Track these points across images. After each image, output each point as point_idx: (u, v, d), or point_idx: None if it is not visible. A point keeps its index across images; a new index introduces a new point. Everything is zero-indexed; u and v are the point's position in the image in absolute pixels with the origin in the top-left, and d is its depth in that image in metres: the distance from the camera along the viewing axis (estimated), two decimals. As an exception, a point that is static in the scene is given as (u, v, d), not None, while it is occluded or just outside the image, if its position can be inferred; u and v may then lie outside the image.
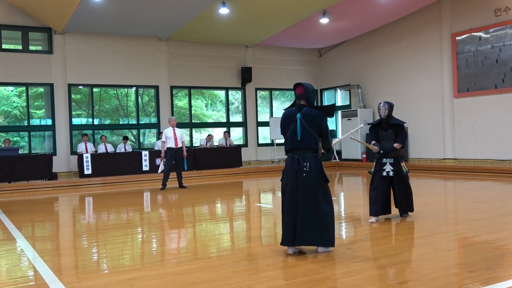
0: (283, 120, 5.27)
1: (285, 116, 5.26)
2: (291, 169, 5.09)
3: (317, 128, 5.08)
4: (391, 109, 6.99)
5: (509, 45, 14.50)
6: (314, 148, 5.11)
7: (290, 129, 5.13)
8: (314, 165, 5.06)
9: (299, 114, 5.09)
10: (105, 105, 18.21)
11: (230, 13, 14.58)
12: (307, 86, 5.23)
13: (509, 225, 6.34)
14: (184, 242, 6.40)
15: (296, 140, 5.07)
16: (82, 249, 6.03)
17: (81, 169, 14.81)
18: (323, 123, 5.12)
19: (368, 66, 19.16)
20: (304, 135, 5.05)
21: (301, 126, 5.05)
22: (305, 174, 5.02)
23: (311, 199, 5.01)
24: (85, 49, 16.64)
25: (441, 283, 4.03)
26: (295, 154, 5.10)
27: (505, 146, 14.63)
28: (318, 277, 4.31)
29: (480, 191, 10.51)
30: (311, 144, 5.07)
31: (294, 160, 5.07)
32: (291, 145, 5.14)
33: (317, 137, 5.09)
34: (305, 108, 5.14)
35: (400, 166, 6.83)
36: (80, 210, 10.14)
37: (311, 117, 5.07)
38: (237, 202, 10.41)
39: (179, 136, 12.42)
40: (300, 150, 5.09)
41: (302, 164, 5.03)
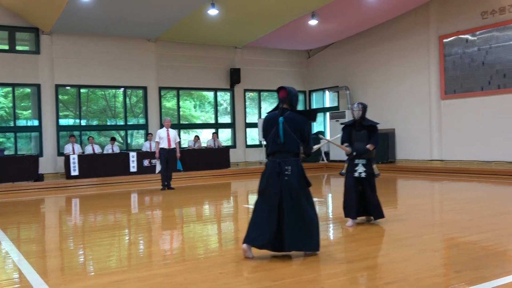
0: (265, 124, 5.23)
1: (268, 119, 5.22)
2: (272, 172, 5.02)
3: (299, 133, 5.06)
4: (365, 110, 6.92)
5: (495, 47, 14.65)
6: (296, 152, 5.09)
7: (272, 132, 5.09)
8: (295, 169, 5.02)
9: (281, 118, 5.07)
10: (92, 106, 18.09)
11: (219, 14, 14.57)
12: (290, 89, 5.19)
13: (495, 226, 6.40)
14: (171, 244, 6.37)
15: (278, 143, 5.04)
16: (68, 251, 5.98)
17: (68, 170, 14.68)
18: (305, 127, 5.10)
19: (357, 68, 19.25)
20: (286, 138, 5.02)
21: (283, 129, 5.03)
22: (287, 177, 4.97)
23: (295, 203, 4.96)
24: (72, 50, 16.52)
25: (427, 283, 4.05)
26: (277, 157, 5.06)
27: (491, 148, 14.77)
28: (305, 278, 4.32)
29: (466, 192, 10.59)
30: (293, 147, 5.05)
31: (275, 163, 5.03)
32: (272, 149, 5.10)
33: (299, 141, 5.08)
34: (287, 112, 5.12)
35: (372, 167, 6.78)
36: (66, 212, 10.06)
37: (294, 121, 5.06)
38: (225, 204, 10.40)
39: (172, 136, 12.39)
40: (282, 153, 5.05)
41: (284, 168, 4.98)
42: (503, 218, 7.00)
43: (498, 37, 14.56)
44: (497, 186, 11.41)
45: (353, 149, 6.79)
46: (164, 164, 12.32)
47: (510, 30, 14.27)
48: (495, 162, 14.57)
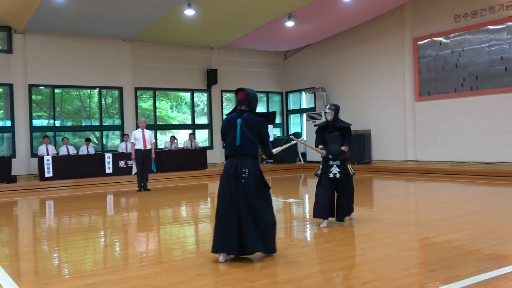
0: (224, 126, 5.19)
1: (226, 121, 5.19)
2: (229, 174, 4.98)
3: (257, 135, 5.02)
4: (337, 112, 6.90)
5: (468, 50, 14.93)
6: (254, 154, 5.05)
7: (230, 134, 5.07)
8: (253, 171, 4.98)
9: (239, 120, 5.03)
10: (67, 106, 17.82)
11: (195, 15, 14.51)
12: (249, 91, 5.15)
13: (468, 225, 6.52)
14: (148, 246, 6.32)
15: (235, 145, 5.01)
16: (42, 254, 5.88)
17: (41, 171, 14.44)
18: (263, 129, 5.06)
19: (333, 69, 19.40)
20: (244, 141, 4.99)
21: (241, 131, 4.99)
22: (244, 180, 4.93)
23: (251, 206, 4.91)
24: (46, 49, 16.26)
25: (403, 282, 4.11)
26: (235, 159, 5.02)
27: (464, 148, 15.05)
28: (283, 279, 4.33)
29: (440, 192, 10.77)
30: (250, 150, 5.01)
31: (232, 165, 4.98)
32: (231, 151, 5.07)
33: (257, 143, 5.04)
34: (246, 113, 5.08)
35: (346, 168, 6.82)
36: (40, 214, 9.88)
37: (252, 123, 5.02)
38: (202, 205, 10.36)
39: (148, 137, 12.29)
40: (240, 155, 5.01)
41: (241, 170, 4.94)
42: (475, 218, 7.14)
43: (471, 40, 14.86)
44: (469, 186, 11.63)
45: (329, 152, 6.82)
46: (140, 166, 12.22)
47: (482, 33, 14.57)
48: (468, 163, 14.85)
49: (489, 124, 14.45)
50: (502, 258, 4.82)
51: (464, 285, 3.99)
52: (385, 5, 15.93)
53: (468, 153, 14.96)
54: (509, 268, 4.43)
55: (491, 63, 14.37)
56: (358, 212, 8.10)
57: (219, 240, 4.94)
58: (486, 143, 14.49)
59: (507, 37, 13.99)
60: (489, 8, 14.40)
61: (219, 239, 4.94)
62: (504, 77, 14.05)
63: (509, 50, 13.94)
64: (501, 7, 14.11)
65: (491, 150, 14.35)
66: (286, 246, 5.54)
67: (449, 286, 3.97)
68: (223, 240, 4.91)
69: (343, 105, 18.88)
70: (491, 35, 14.37)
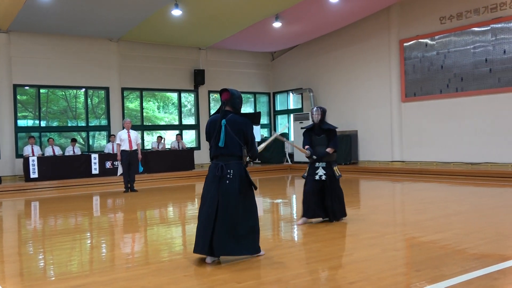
0: (208, 126, 5.17)
1: (210, 122, 5.16)
2: (214, 176, 4.96)
3: (242, 135, 4.99)
4: (324, 114, 7.04)
5: (453, 51, 15.08)
6: (239, 155, 5.01)
7: (215, 135, 5.04)
8: (237, 172, 4.95)
9: (224, 120, 5.00)
10: (52, 106, 17.66)
11: (183, 15, 14.48)
12: (233, 92, 5.11)
13: (453, 225, 6.59)
14: (135, 247, 6.29)
15: (220, 146, 4.98)
16: (28, 256, 5.82)
17: (27, 172, 14.29)
18: (248, 130, 5.03)
19: (320, 70, 19.47)
20: (229, 141, 4.97)
21: (225, 132, 4.97)
22: (228, 181, 4.90)
23: (231, 208, 4.86)
24: (31, 49, 16.10)
25: (389, 282, 4.13)
26: (219, 160, 4.99)
27: (449, 149, 15.19)
28: (269, 279, 4.34)
29: (426, 192, 10.86)
30: (235, 151, 4.98)
31: (217, 166, 4.95)
32: (215, 152, 5.04)
33: (242, 144, 5.00)
34: (230, 114, 5.05)
35: (332, 170, 6.90)
36: (25, 215, 9.78)
37: (236, 123, 4.99)
38: (190, 206, 10.33)
39: (133, 138, 12.23)
40: (224, 156, 4.99)
41: (226, 171, 4.92)
42: (461, 218, 7.21)
43: (456, 41, 15.01)
44: (455, 187, 11.74)
45: (312, 153, 6.92)
46: (126, 166, 12.16)
47: (467, 35, 14.72)
48: (454, 163, 14.99)
49: (474, 125, 14.61)
50: (487, 258, 4.87)
51: (449, 285, 4.02)
52: (372, 6, 16.02)
53: (453, 153, 15.11)
54: (494, 267, 4.48)
55: (475, 65, 14.53)
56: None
57: (197, 241, 4.97)
58: (471, 144, 14.65)
59: (491, 39, 14.15)
60: (474, 10, 14.56)
61: (197, 240, 4.97)
62: (489, 79, 14.22)
63: (494, 52, 14.11)
64: (486, 9, 14.27)
65: (476, 150, 14.51)
66: (274, 247, 5.55)
67: (435, 286, 4.00)
68: (200, 241, 4.91)
69: (330, 106, 19.03)
70: (476, 37, 14.52)
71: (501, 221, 6.84)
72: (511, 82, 13.74)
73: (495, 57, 14.08)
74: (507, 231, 6.09)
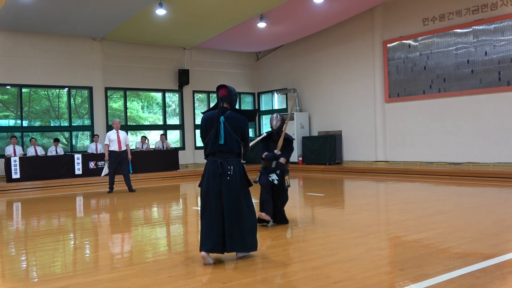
0: (204, 123, 5.09)
1: (207, 118, 5.09)
2: (214, 173, 4.91)
3: (239, 132, 5.00)
4: (283, 123, 7.02)
5: (436, 53, 15.24)
6: (237, 152, 5.01)
7: (212, 132, 4.97)
8: (237, 168, 4.96)
9: (222, 117, 4.97)
10: (35, 106, 17.46)
11: (167, 15, 14.42)
12: (230, 88, 5.12)
13: (436, 225, 6.66)
14: (119, 248, 6.25)
15: (218, 143, 4.94)
16: (10, 257, 5.74)
17: (8, 173, 14.10)
18: (245, 127, 5.06)
19: (305, 71, 19.54)
20: (228, 138, 4.94)
21: (224, 129, 4.94)
22: (229, 178, 4.89)
23: (235, 204, 4.89)
24: (13, 48, 15.89)
25: (374, 281, 4.17)
26: (217, 157, 4.95)
27: (432, 149, 15.36)
28: (255, 279, 4.34)
29: (410, 192, 10.96)
30: (234, 147, 4.97)
31: (216, 163, 4.91)
32: (212, 149, 4.98)
33: (240, 141, 5.01)
34: (228, 111, 5.04)
35: (283, 179, 6.91)
36: (7, 216, 9.64)
37: (236, 120, 4.99)
38: (174, 206, 10.30)
39: (122, 139, 12.12)
40: (223, 153, 4.95)
41: (226, 168, 4.89)
42: (443, 217, 7.29)
43: (438, 43, 15.17)
44: (438, 186, 11.87)
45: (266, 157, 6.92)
46: (113, 167, 12.05)
47: (449, 36, 14.90)
48: (436, 163, 15.15)
49: (456, 125, 14.79)
50: (470, 256, 4.94)
51: (433, 283, 4.07)
52: (356, 8, 16.12)
53: (436, 153, 15.28)
54: (476, 266, 4.54)
55: (458, 66, 14.71)
56: (330, 212, 8.19)
57: (207, 240, 4.84)
58: (453, 144, 14.83)
59: (473, 41, 14.34)
60: (456, 12, 14.73)
61: (207, 238, 4.84)
62: (470, 80, 14.40)
63: (475, 54, 14.29)
64: (468, 11, 14.46)
65: (458, 150, 14.68)
66: (259, 247, 5.55)
67: (419, 285, 4.04)
68: (211, 239, 4.83)
69: (314, 106, 19.11)
70: (458, 39, 14.70)
71: (483, 220, 6.93)
72: (492, 83, 13.94)
73: (476, 58, 14.27)
74: (489, 230, 6.18)
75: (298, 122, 18.85)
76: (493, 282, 4.09)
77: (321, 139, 17.96)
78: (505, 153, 13.68)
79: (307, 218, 7.96)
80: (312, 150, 18.16)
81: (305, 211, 8.88)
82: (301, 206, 9.71)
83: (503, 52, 13.71)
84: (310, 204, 9.68)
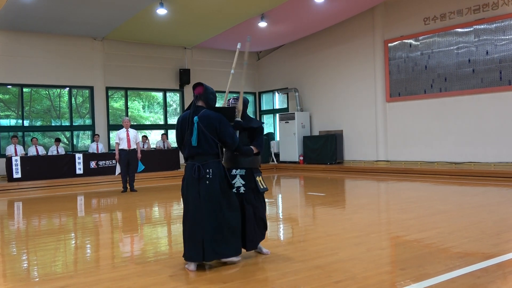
0: (180, 125, 4.78)
1: (182, 119, 4.77)
2: (191, 177, 4.65)
3: (215, 132, 4.63)
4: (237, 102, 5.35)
5: (437, 52, 15.23)
6: (215, 153, 4.68)
7: (187, 133, 4.68)
8: (217, 171, 4.64)
9: (196, 117, 4.65)
10: (36, 106, 17.47)
11: (168, 14, 14.42)
12: (207, 86, 4.83)
13: (437, 224, 6.65)
14: (120, 247, 6.25)
15: (193, 146, 4.64)
16: (11, 257, 5.74)
17: (9, 172, 14.12)
18: (222, 127, 4.64)
19: (306, 70, 19.53)
20: (203, 140, 4.62)
21: (198, 130, 4.62)
22: (208, 181, 4.60)
23: (215, 209, 4.60)
24: (14, 48, 15.91)
25: (375, 281, 4.16)
26: (196, 161, 4.66)
27: (433, 149, 15.35)
28: (256, 279, 4.34)
29: (411, 191, 10.95)
30: (211, 149, 4.64)
31: (194, 167, 4.62)
32: (190, 152, 4.68)
33: (216, 141, 4.66)
34: (203, 110, 4.72)
35: (254, 181, 5.11)
36: (8, 216, 9.65)
37: (209, 119, 4.63)
38: (175, 205, 10.30)
39: (132, 137, 12.13)
40: (200, 156, 4.65)
41: (204, 172, 4.60)
42: (444, 217, 7.28)
43: (440, 42, 15.16)
44: (439, 186, 11.85)
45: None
46: (124, 166, 12.04)
47: (450, 35, 14.88)
48: (437, 163, 15.14)
49: (457, 124, 14.78)
50: (471, 256, 4.93)
51: (434, 283, 4.06)
52: (357, 7, 16.11)
53: (437, 153, 15.27)
54: (477, 266, 4.54)
55: (459, 65, 14.69)
56: (331, 212, 8.19)
57: (188, 248, 4.67)
58: (454, 144, 14.81)
59: (474, 40, 14.32)
60: (457, 12, 14.72)
61: (188, 246, 4.67)
62: (471, 79, 14.39)
63: (476, 53, 14.28)
64: (469, 10, 14.44)
65: (459, 150, 14.67)
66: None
67: (420, 284, 4.04)
68: (191, 247, 4.62)
69: (315, 105, 19.09)
70: (459, 38, 14.68)
71: (484, 220, 6.92)
72: (493, 82, 13.92)
73: (478, 57, 14.25)
74: (490, 230, 6.17)
75: (299, 122, 18.85)
76: (494, 282, 4.09)
77: (322, 139, 17.95)
78: (506, 152, 13.66)
79: (308, 218, 7.96)
80: (313, 149, 18.15)
81: (306, 211, 8.88)
82: (302, 205, 9.71)
83: (504, 52, 13.69)
84: (311, 204, 9.67)
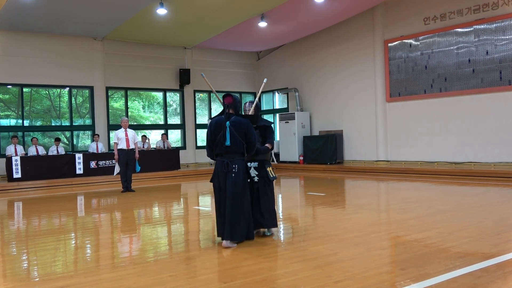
0: (213, 127, 5.80)
1: (215, 123, 5.80)
2: (221, 171, 5.69)
3: (244, 135, 5.67)
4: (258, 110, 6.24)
5: (437, 52, 15.23)
6: (242, 152, 5.73)
7: (220, 135, 5.70)
8: (242, 167, 5.72)
9: (228, 122, 5.69)
10: (36, 105, 17.47)
11: (168, 14, 14.42)
12: (235, 97, 5.85)
13: (437, 224, 6.65)
14: (120, 247, 6.25)
15: (225, 145, 5.66)
16: (11, 257, 5.75)
17: (9, 172, 14.12)
18: (248, 130, 5.69)
19: (306, 70, 19.53)
20: (233, 141, 5.65)
21: (230, 133, 5.64)
22: (234, 175, 5.64)
23: (237, 197, 5.60)
24: (14, 48, 15.92)
25: (375, 281, 4.16)
26: (224, 158, 5.71)
27: (433, 149, 15.35)
28: (256, 279, 4.34)
29: (411, 191, 10.95)
30: (238, 148, 5.69)
31: (223, 163, 5.68)
32: (220, 150, 5.73)
33: (244, 142, 5.68)
34: (233, 116, 5.76)
35: (266, 171, 6.01)
36: (8, 216, 9.65)
37: (240, 124, 5.68)
38: (175, 205, 10.30)
39: (131, 137, 12.13)
40: (229, 154, 5.70)
41: (231, 167, 5.65)
42: (444, 217, 7.28)
43: (440, 42, 15.16)
44: (439, 186, 11.86)
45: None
46: (123, 166, 12.04)
47: (450, 35, 14.88)
48: (438, 163, 15.14)
49: (457, 124, 14.78)
50: (471, 256, 4.93)
51: (434, 283, 4.06)
52: (357, 7, 16.11)
53: (437, 153, 15.27)
54: (477, 266, 4.54)
55: (459, 65, 14.69)
56: (331, 212, 8.19)
57: (217, 227, 5.80)
58: (454, 143, 14.82)
59: (474, 40, 14.32)
60: (457, 12, 14.72)
61: (217, 226, 5.80)
62: (471, 79, 14.39)
63: (476, 53, 14.28)
64: (469, 10, 14.44)
65: (460, 150, 14.68)
66: (259, 246, 5.55)
67: (420, 284, 4.04)
68: (219, 227, 5.73)
69: (315, 105, 19.09)
70: (459, 38, 14.68)
71: (484, 220, 6.92)
72: (493, 82, 13.93)
73: (478, 57, 14.25)
74: (490, 230, 6.17)
75: (299, 122, 18.85)
76: (495, 282, 4.09)
77: (322, 139, 17.96)
78: (506, 152, 13.67)
79: (308, 218, 7.97)
80: (313, 149, 18.15)
81: (306, 211, 8.88)
82: (302, 205, 9.71)
83: (504, 52, 13.70)
84: (311, 204, 9.68)
